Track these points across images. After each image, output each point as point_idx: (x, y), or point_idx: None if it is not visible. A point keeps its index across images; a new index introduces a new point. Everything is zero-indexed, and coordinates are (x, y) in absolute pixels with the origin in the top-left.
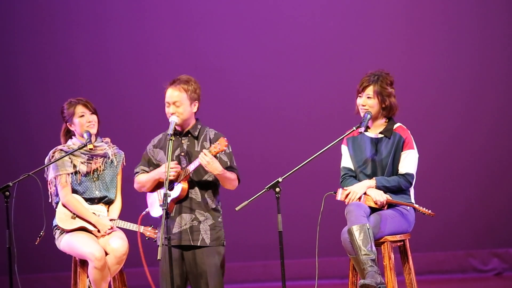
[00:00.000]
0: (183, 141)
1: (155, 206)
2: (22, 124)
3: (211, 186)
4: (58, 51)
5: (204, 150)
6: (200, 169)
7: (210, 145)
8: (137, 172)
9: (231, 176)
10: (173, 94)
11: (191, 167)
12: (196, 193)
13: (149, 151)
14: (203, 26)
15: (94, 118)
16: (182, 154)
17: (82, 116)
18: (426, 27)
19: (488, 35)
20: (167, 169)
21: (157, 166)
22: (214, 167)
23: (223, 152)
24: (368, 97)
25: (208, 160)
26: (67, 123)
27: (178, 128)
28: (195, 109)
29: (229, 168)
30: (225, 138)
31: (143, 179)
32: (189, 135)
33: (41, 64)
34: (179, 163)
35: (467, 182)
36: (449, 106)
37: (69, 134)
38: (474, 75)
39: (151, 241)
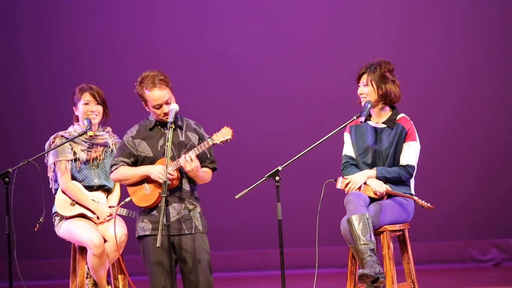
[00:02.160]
0: (166, 132)
1: (140, 195)
2: (23, 110)
3: None
4: (61, 39)
5: (189, 155)
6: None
7: (212, 134)
8: (116, 164)
9: (205, 175)
10: (162, 94)
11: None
12: (185, 183)
13: (129, 142)
14: (205, 14)
15: (98, 108)
16: (167, 144)
17: (87, 104)
18: (423, 19)
19: (483, 29)
20: (167, 158)
21: (139, 157)
22: (197, 174)
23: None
24: (364, 85)
25: (193, 167)
26: (73, 107)
27: (165, 119)
28: None
29: (211, 162)
30: (230, 128)
31: (127, 172)
32: (172, 125)
33: (43, 52)
34: (164, 153)
35: (467, 172)
36: (447, 97)
37: None
38: (471, 66)
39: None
